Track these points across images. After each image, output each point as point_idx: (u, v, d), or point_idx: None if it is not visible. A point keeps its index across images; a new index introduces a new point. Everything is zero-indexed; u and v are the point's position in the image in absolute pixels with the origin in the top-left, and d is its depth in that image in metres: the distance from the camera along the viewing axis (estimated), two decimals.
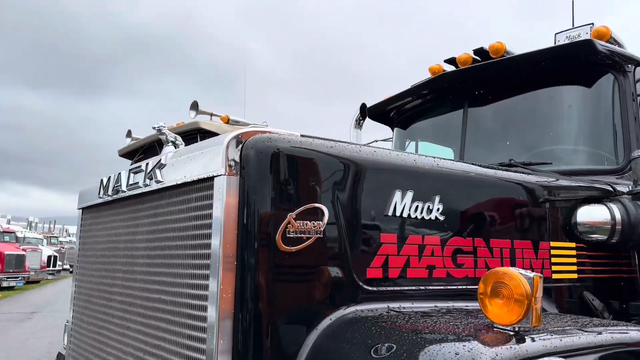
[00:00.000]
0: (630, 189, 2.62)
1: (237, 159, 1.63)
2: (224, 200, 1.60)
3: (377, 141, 4.73)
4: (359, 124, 4.46)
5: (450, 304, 1.93)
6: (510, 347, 1.30)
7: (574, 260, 2.42)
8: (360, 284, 1.74)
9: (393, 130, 4.44)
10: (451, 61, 3.75)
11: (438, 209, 1.95)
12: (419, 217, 1.90)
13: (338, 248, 1.72)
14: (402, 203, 1.87)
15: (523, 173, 2.54)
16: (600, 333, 1.53)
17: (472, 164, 2.36)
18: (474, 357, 1.23)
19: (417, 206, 1.90)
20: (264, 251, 1.58)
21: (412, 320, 1.64)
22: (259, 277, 1.56)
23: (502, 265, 2.11)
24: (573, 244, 2.43)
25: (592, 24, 3.30)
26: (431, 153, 3.59)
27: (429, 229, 1.93)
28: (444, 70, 3.74)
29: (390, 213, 1.84)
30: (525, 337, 1.38)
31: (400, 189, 1.88)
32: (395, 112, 4.25)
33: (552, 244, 2.33)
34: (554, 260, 2.32)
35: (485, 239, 2.08)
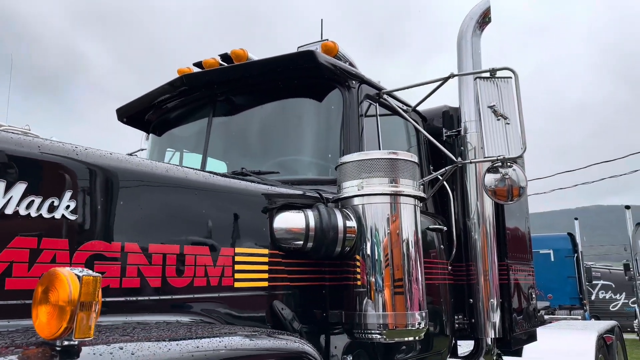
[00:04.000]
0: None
1: None
2: None
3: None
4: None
5: None
6: None
7: (266, 267, 2.32)
8: None
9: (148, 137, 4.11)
10: (199, 65, 3.58)
11: (68, 207, 1.65)
12: (34, 215, 1.58)
13: None
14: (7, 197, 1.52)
15: (242, 180, 2.42)
16: (192, 339, 1.35)
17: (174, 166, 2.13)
18: None
19: (32, 201, 1.57)
20: None
21: None
22: None
23: (163, 273, 1.89)
24: (266, 251, 2.33)
25: (327, 39, 3.42)
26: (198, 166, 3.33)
27: (51, 229, 1.62)
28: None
29: None
30: (67, 353, 1.13)
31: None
32: (148, 115, 3.93)
33: (238, 250, 2.19)
34: (238, 267, 2.18)
35: (142, 244, 1.84)
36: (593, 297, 23.05)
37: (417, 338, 2.52)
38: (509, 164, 3.16)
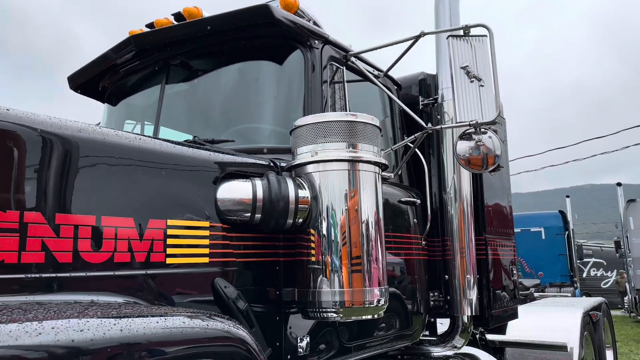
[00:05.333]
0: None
1: None
2: None
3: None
4: None
5: None
6: None
7: (206, 242, 2.09)
8: None
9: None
10: (150, 25, 3.30)
11: None
12: None
13: None
14: None
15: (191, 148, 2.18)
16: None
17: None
18: None
19: None
20: None
21: None
22: None
23: (75, 247, 1.66)
24: (206, 224, 2.10)
25: None
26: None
27: None
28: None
29: None
30: None
31: None
32: (102, 83, 3.66)
33: (171, 222, 1.96)
34: (171, 242, 1.95)
35: (47, 214, 1.60)
36: (584, 275, 23.12)
37: (376, 316, 2.32)
38: (482, 129, 2.93)
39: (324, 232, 2.26)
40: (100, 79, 3.63)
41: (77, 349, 1.07)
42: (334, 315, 2.23)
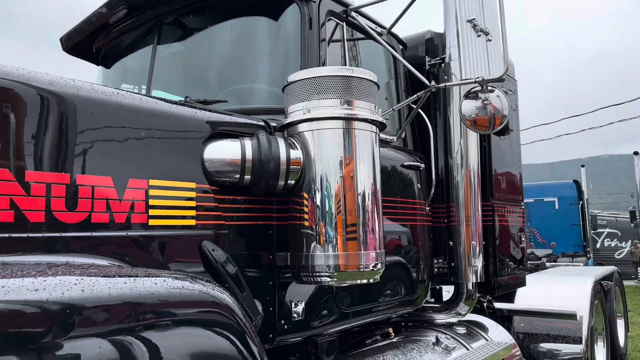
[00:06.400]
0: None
1: None
2: None
3: None
4: None
5: None
6: None
7: (193, 204, 2.00)
8: None
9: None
10: None
11: None
12: None
13: None
14: None
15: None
16: None
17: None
18: None
19: None
20: None
21: None
22: None
23: (47, 206, 1.57)
24: (192, 185, 2.00)
25: None
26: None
27: None
28: None
29: None
30: None
31: None
32: (95, 43, 3.53)
33: (153, 182, 1.86)
34: (154, 203, 1.86)
35: (15, 171, 1.51)
36: (598, 245, 22.88)
37: (371, 280, 2.23)
38: (490, 87, 2.77)
39: (318, 195, 2.16)
40: (94, 40, 3.51)
41: (30, 309, 1.00)
42: (328, 279, 2.15)
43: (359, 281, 2.21)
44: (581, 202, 17.31)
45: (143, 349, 1.19)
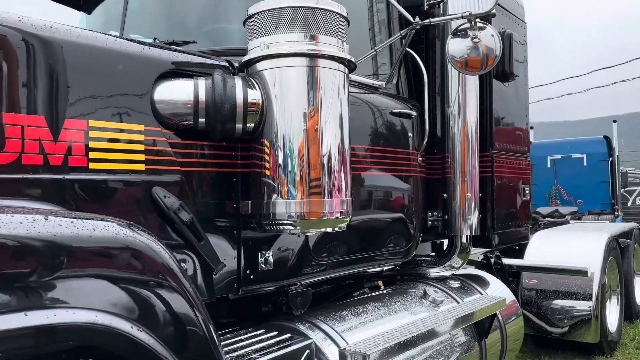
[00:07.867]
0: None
1: None
2: None
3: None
4: None
5: None
6: None
7: (141, 147, 1.89)
8: None
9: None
10: None
11: None
12: None
13: None
14: None
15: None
16: None
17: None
18: None
19: None
20: None
21: None
22: None
23: None
24: (141, 127, 1.88)
25: None
26: None
27: None
28: None
29: None
30: None
31: None
32: None
33: (93, 123, 1.74)
34: (95, 145, 1.75)
35: None
36: (629, 204, 22.08)
37: (337, 229, 2.11)
38: (480, 24, 2.54)
39: (279, 139, 2.02)
40: None
41: None
42: (291, 228, 2.04)
43: (323, 229, 2.10)
44: (611, 158, 16.62)
45: (50, 296, 1.11)
